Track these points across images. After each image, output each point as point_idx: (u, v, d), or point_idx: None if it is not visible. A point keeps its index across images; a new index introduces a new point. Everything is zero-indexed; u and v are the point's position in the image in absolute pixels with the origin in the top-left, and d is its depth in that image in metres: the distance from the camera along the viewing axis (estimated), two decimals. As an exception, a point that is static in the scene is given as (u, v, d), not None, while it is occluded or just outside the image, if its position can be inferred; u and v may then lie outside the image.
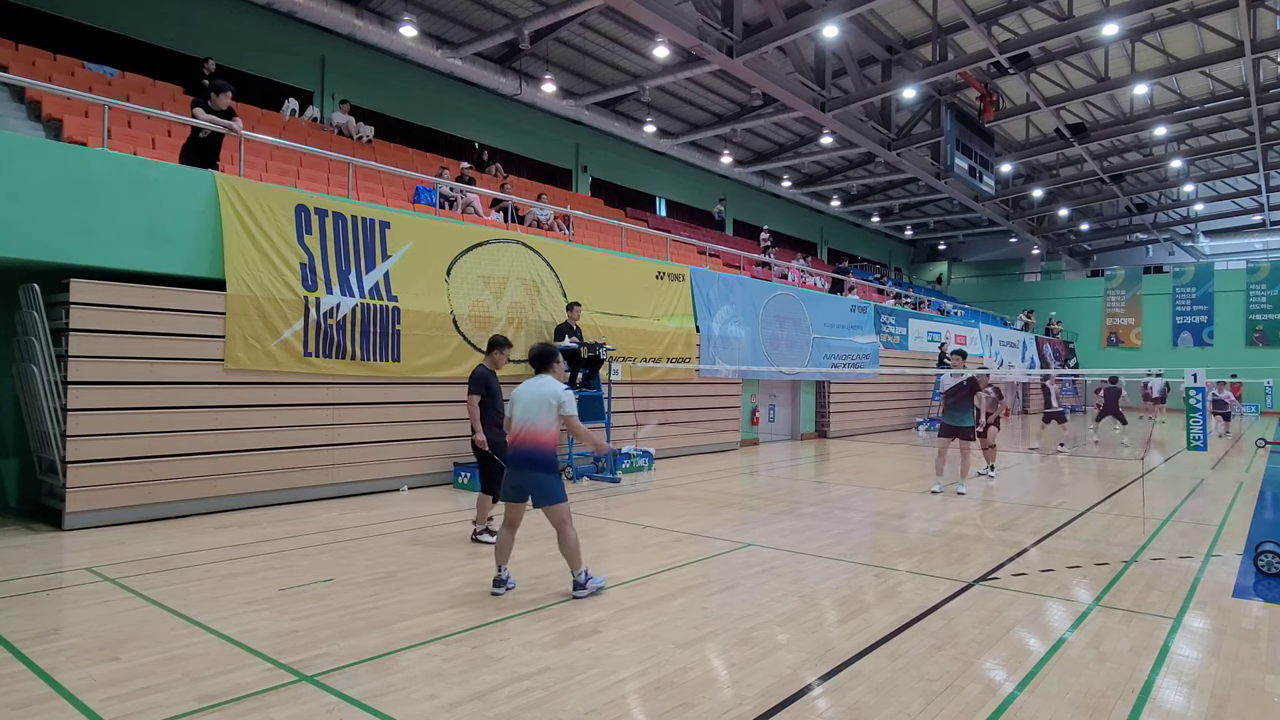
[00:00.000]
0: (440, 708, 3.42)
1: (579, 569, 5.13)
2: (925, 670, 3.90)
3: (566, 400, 5.10)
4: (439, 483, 9.81)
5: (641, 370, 12.52)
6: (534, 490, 5.06)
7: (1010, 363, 27.63)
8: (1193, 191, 30.65)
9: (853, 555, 6.42)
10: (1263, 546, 5.95)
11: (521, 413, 5.13)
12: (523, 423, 5.11)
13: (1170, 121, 22.31)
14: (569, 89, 19.82)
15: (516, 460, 5.10)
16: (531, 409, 5.09)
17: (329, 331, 8.69)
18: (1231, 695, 3.65)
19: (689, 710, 3.42)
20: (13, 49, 11.24)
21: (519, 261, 10.96)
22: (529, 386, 5.20)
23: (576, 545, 5.11)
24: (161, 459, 7.44)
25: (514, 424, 5.18)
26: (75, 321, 6.96)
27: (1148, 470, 12.27)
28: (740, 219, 29.04)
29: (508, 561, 5.26)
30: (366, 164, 11.45)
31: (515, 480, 5.11)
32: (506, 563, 5.24)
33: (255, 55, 15.59)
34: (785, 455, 14.34)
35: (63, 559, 5.97)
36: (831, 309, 18.56)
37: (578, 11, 15.03)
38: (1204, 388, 7.12)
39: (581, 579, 5.12)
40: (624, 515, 8.06)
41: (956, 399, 9.84)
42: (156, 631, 4.33)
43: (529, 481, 5.06)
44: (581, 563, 5.14)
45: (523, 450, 5.07)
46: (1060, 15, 16.09)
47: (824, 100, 18.09)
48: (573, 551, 5.09)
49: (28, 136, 7.72)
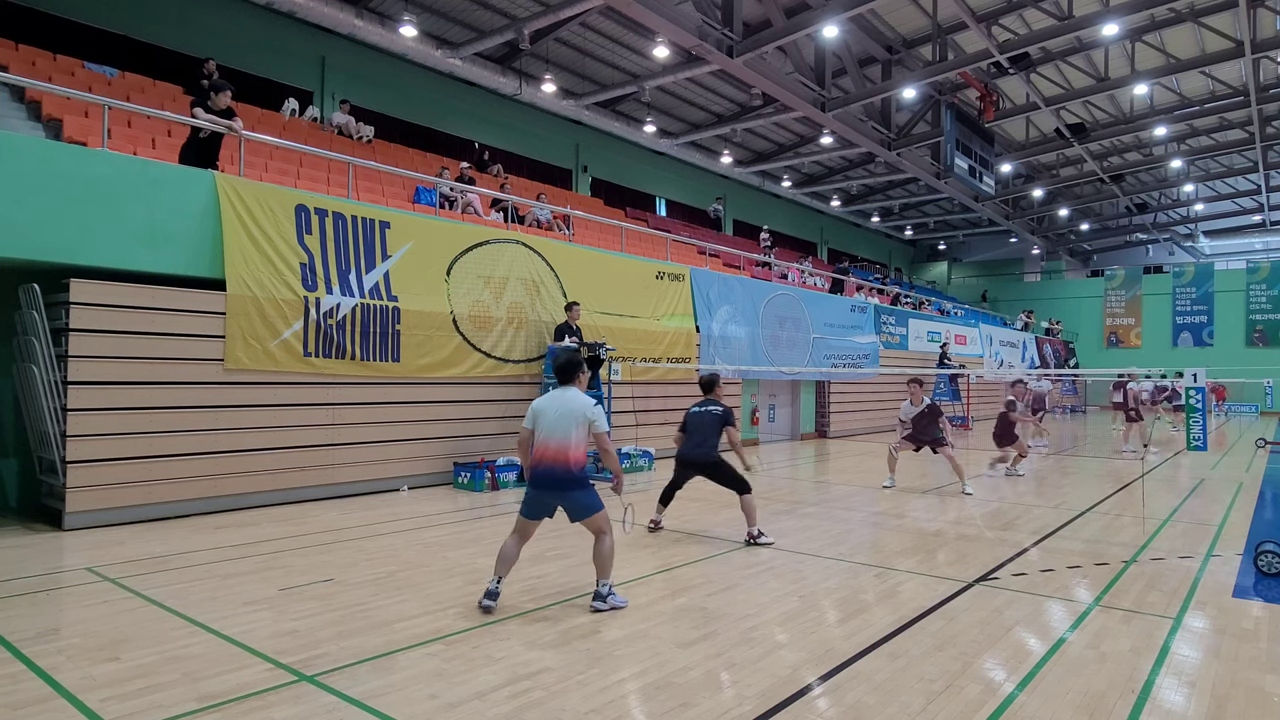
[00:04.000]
0: (440, 708, 3.42)
1: (606, 579, 4.85)
2: (925, 670, 3.90)
3: (598, 418, 4.86)
4: (439, 483, 9.81)
5: (641, 370, 12.52)
6: (572, 509, 4.86)
7: (1010, 362, 27.63)
8: (1193, 191, 30.64)
9: (853, 555, 6.42)
10: (1263, 546, 5.95)
11: (548, 429, 4.82)
12: (549, 440, 4.80)
13: (1170, 121, 22.30)
14: (569, 89, 19.81)
15: (547, 482, 4.81)
16: (560, 425, 4.80)
17: (329, 331, 8.69)
18: (1231, 695, 3.65)
19: (689, 710, 3.42)
20: (13, 49, 11.24)
21: (519, 261, 10.96)
22: (553, 400, 4.92)
23: (610, 554, 4.86)
24: (161, 459, 7.44)
25: (538, 440, 4.85)
26: (75, 321, 6.96)
27: (1148, 470, 12.27)
28: (740, 219, 29.04)
29: (508, 575, 4.95)
30: (366, 164, 11.45)
31: (546, 500, 4.87)
32: (506, 575, 4.91)
33: (255, 55, 15.59)
34: (785, 455, 14.34)
35: (63, 559, 5.97)
36: (831, 309, 18.56)
37: (578, 11, 15.03)
38: (1204, 388, 7.13)
39: (605, 590, 4.82)
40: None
41: (923, 423, 10.18)
42: (156, 631, 4.33)
43: (566, 502, 4.85)
44: (610, 574, 4.88)
45: (554, 472, 4.79)
46: (1060, 15, 16.08)
47: (824, 100, 18.09)
48: (605, 560, 4.83)
49: (28, 136, 7.73)
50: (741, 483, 6.91)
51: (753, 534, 6.79)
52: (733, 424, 7.06)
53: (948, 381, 22.10)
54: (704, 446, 6.96)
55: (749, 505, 6.87)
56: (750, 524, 6.82)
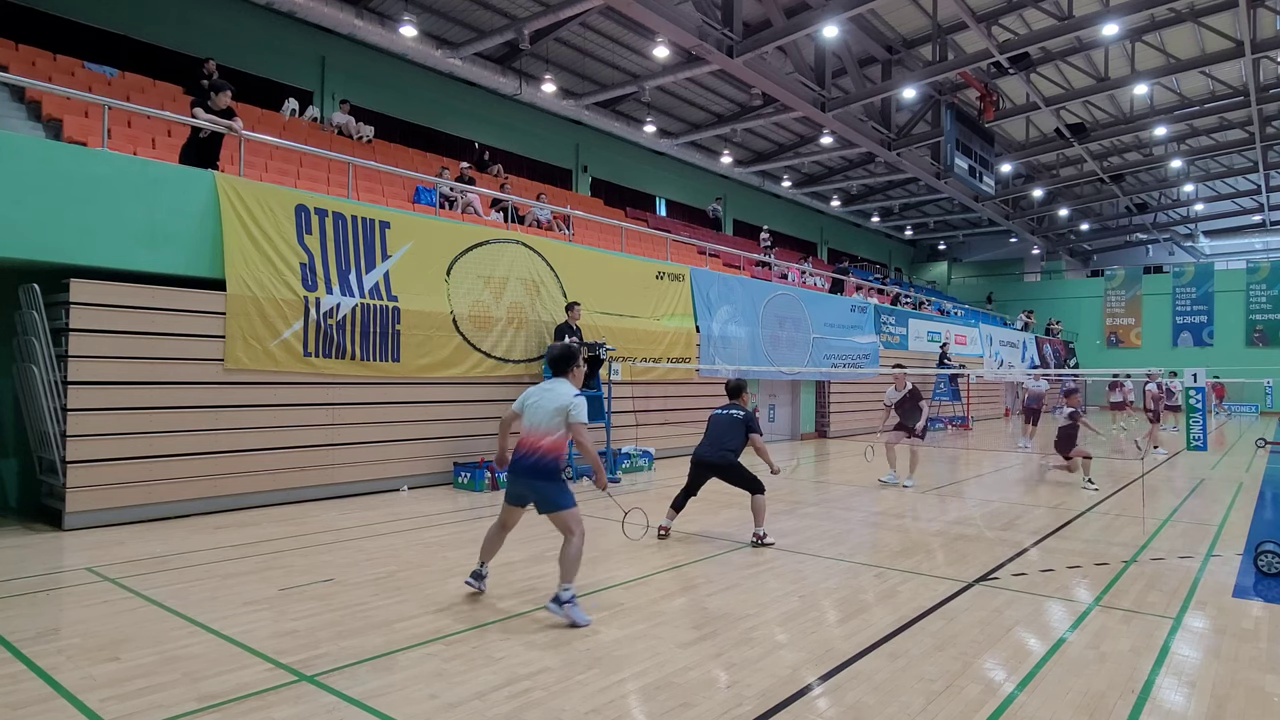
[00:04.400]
0: (440, 708, 3.42)
1: (568, 583, 4.60)
2: (925, 670, 3.90)
3: (574, 407, 4.72)
4: (439, 483, 9.81)
5: (641, 370, 12.52)
6: (536, 499, 4.80)
7: (1010, 362, 27.64)
8: (1193, 191, 30.64)
9: (853, 555, 6.42)
10: (1263, 546, 5.95)
11: (529, 416, 4.84)
12: (526, 427, 4.83)
13: (1170, 121, 22.30)
14: (569, 89, 19.81)
15: (517, 468, 4.81)
16: (538, 413, 4.79)
17: (329, 331, 8.69)
18: (1231, 695, 3.65)
19: (689, 710, 3.42)
20: (13, 49, 11.24)
21: (519, 261, 10.96)
22: (540, 390, 4.94)
23: (576, 558, 4.63)
24: (161, 459, 7.44)
25: (522, 426, 4.89)
26: (75, 321, 6.96)
27: (1148, 470, 12.27)
28: (740, 219, 29.04)
29: (491, 559, 5.11)
30: (366, 164, 11.45)
31: (517, 488, 4.87)
32: (490, 560, 5.10)
33: (255, 55, 15.59)
34: (785, 455, 14.33)
35: (63, 559, 5.97)
36: (831, 309, 18.56)
37: (578, 11, 15.03)
38: (1204, 388, 7.13)
39: (565, 596, 4.56)
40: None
41: (905, 408, 10.86)
42: (156, 631, 4.33)
43: (531, 491, 4.79)
44: (574, 579, 4.64)
45: (523, 458, 4.78)
46: (1060, 15, 16.09)
47: (824, 100, 18.09)
48: (570, 563, 4.61)
49: (28, 136, 7.72)
50: (755, 483, 6.88)
51: (759, 534, 6.79)
52: (756, 429, 7.00)
53: (948, 381, 22.10)
54: (722, 448, 6.88)
55: (760, 505, 6.83)
56: (758, 524, 6.82)
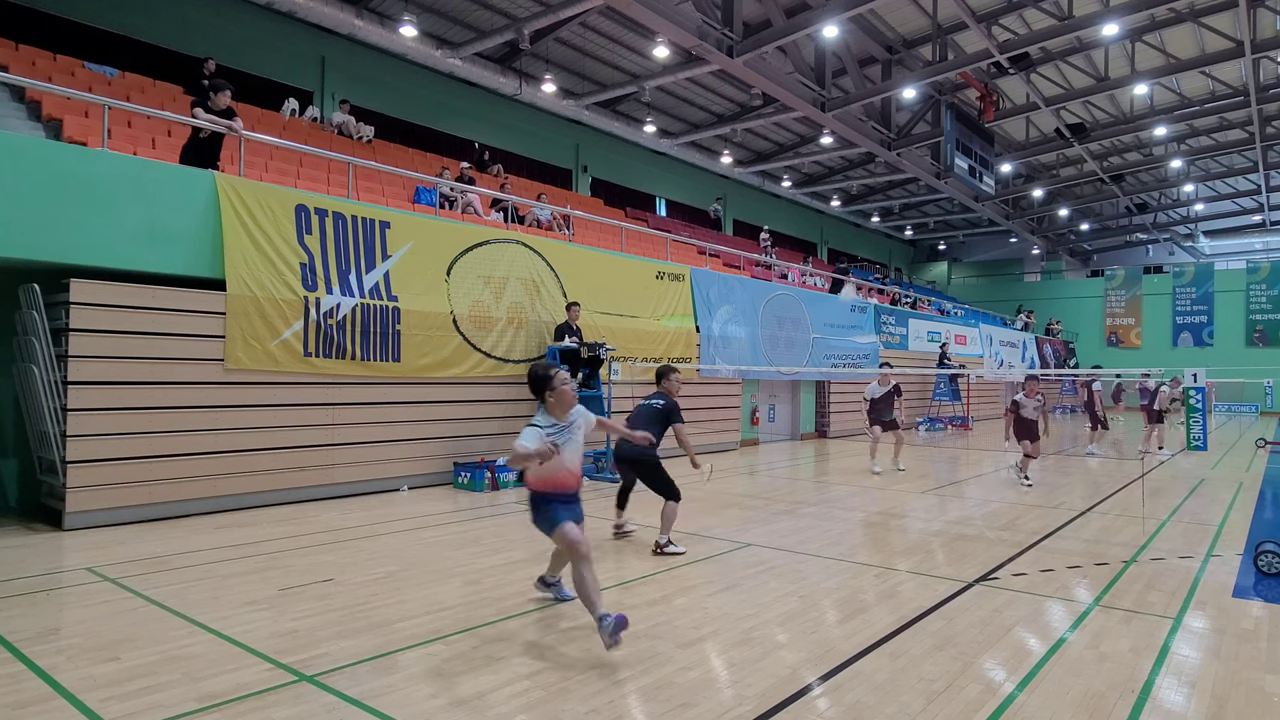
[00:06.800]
0: (440, 708, 3.42)
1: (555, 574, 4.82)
2: (925, 670, 3.90)
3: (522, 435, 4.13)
4: (439, 483, 9.81)
5: (641, 370, 12.52)
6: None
7: (1010, 362, 27.64)
8: (1193, 191, 30.64)
9: (853, 555, 6.42)
10: (1263, 546, 5.95)
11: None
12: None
13: (1170, 121, 22.30)
14: (569, 89, 19.81)
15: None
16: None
17: (329, 331, 8.69)
18: (1231, 695, 3.65)
19: (689, 710, 3.42)
20: (13, 49, 11.24)
21: (519, 261, 10.96)
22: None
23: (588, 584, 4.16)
24: (161, 459, 7.44)
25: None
26: (75, 321, 6.96)
27: (1148, 470, 12.28)
28: (740, 219, 29.04)
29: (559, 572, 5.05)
30: (366, 164, 11.45)
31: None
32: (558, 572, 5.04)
33: (255, 55, 15.59)
34: (785, 455, 14.34)
35: (63, 559, 5.97)
36: (831, 309, 18.56)
37: (578, 11, 15.03)
38: (1204, 388, 7.13)
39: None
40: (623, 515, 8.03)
41: (883, 404, 11.98)
42: (156, 631, 4.33)
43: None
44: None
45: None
46: (1060, 15, 16.09)
47: (824, 100, 18.09)
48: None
49: (28, 136, 7.73)
50: (670, 489, 6.45)
51: (661, 543, 6.34)
52: (678, 418, 6.56)
53: (948, 381, 22.10)
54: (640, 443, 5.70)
55: (670, 513, 6.40)
56: (663, 531, 6.38)
